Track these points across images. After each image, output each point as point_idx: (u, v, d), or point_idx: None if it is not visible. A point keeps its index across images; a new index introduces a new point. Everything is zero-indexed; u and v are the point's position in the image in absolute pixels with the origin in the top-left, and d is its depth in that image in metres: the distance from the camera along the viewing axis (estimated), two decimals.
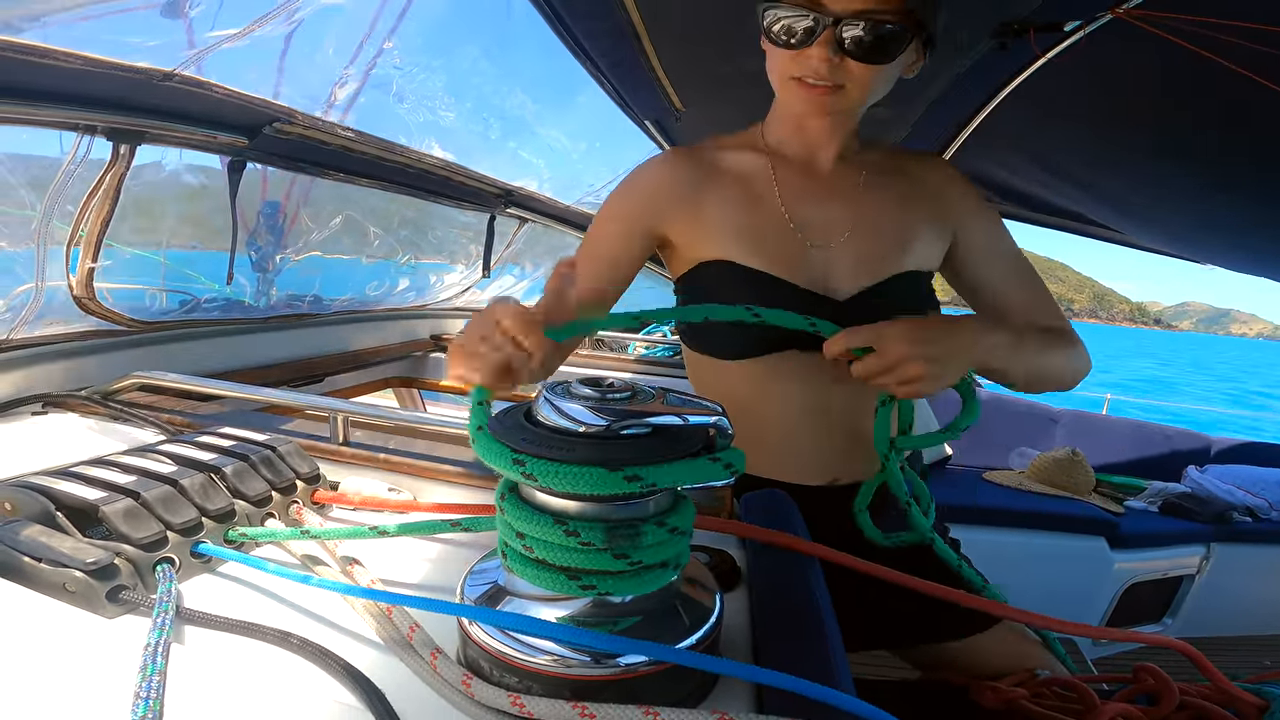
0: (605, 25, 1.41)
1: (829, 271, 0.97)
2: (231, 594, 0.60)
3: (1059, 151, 2.00)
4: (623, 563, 0.46)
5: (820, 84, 0.86)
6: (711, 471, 0.46)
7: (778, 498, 0.79)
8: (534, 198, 2.49)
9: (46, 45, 0.96)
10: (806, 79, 0.87)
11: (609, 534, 0.45)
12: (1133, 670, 0.87)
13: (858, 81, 0.85)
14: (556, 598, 0.48)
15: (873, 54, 0.83)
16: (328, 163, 1.68)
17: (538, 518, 0.46)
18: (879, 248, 0.98)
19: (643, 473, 0.44)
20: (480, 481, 0.86)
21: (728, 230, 0.97)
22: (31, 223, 1.19)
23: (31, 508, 0.60)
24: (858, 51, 0.82)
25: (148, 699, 0.42)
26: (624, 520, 0.47)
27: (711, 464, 0.46)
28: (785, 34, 0.85)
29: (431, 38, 1.66)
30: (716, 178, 1.00)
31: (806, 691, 0.43)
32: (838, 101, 0.88)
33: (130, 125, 1.19)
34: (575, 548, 0.46)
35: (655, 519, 0.47)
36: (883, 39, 0.81)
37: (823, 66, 0.84)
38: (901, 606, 1.03)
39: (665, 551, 0.48)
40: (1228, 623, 2.55)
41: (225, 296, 1.67)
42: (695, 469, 0.46)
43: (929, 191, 1.03)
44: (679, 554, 0.50)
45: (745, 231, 0.97)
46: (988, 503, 2.44)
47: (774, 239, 0.97)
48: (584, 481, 0.43)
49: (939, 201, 1.03)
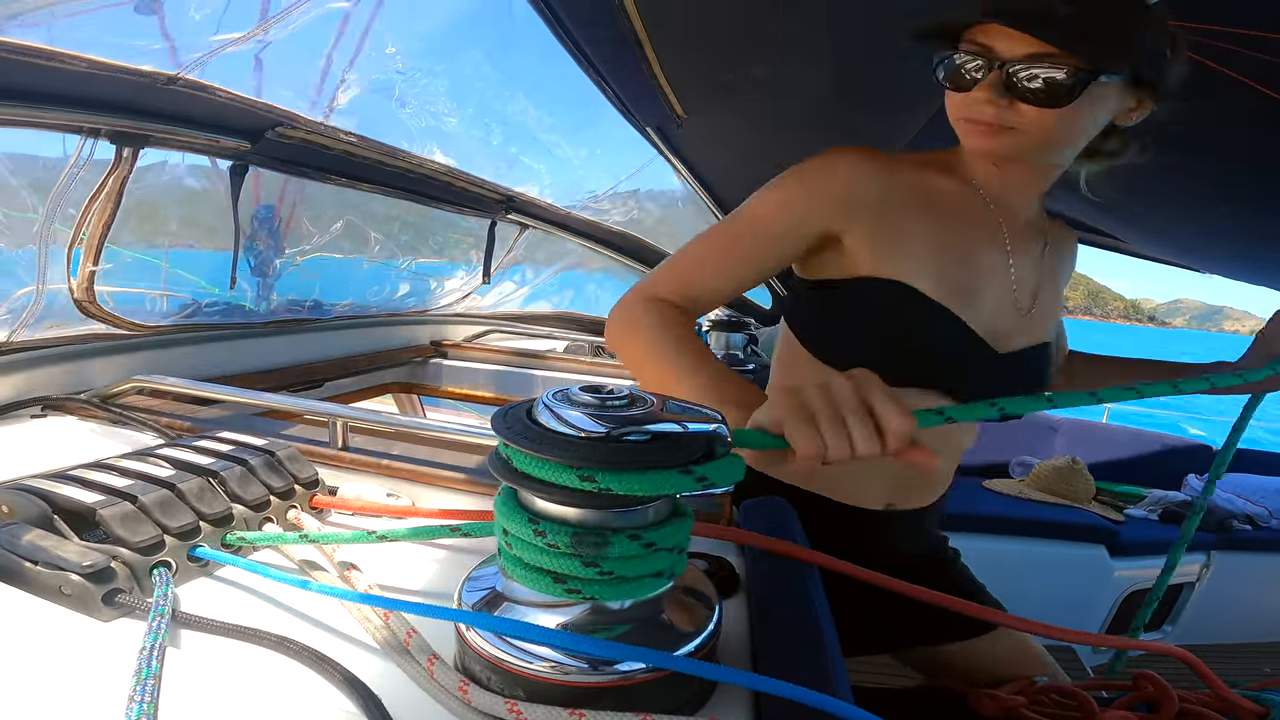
0: (607, 32, 1.41)
1: (1002, 326, 0.93)
2: (228, 598, 0.60)
3: None
4: (593, 571, 0.45)
5: (984, 120, 0.81)
6: (680, 483, 0.44)
7: (777, 505, 0.79)
8: (535, 204, 2.49)
9: (51, 48, 0.97)
10: (971, 116, 0.82)
11: (574, 539, 0.45)
12: (1132, 678, 0.87)
13: (1031, 125, 0.79)
14: (554, 604, 0.48)
15: (1041, 98, 0.76)
16: (330, 167, 1.69)
17: (516, 514, 0.47)
18: (1042, 314, 0.97)
19: (599, 476, 0.43)
20: (480, 487, 0.86)
21: (928, 256, 0.88)
22: (33, 225, 1.19)
23: (29, 510, 0.60)
24: (1026, 94, 0.77)
25: (142, 703, 0.42)
26: (591, 527, 0.46)
27: (682, 476, 0.45)
28: (956, 78, 0.81)
29: (434, 43, 1.66)
30: (923, 195, 0.90)
31: (805, 699, 0.42)
32: (1009, 145, 0.82)
33: (133, 129, 1.19)
34: (543, 548, 0.46)
35: (629, 531, 0.46)
36: (1051, 84, 0.75)
37: (987, 108, 0.79)
38: (900, 613, 1.03)
39: (641, 566, 0.47)
40: (1227, 630, 2.54)
41: (226, 300, 1.68)
42: (660, 480, 0.44)
43: (1066, 266, 1.04)
44: (669, 566, 0.49)
45: (953, 266, 0.89)
46: (988, 511, 2.44)
47: (986, 288, 0.91)
48: (545, 469, 0.44)
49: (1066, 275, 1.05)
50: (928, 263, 0.88)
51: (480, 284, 2.67)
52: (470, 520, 0.68)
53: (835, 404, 0.55)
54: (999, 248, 0.93)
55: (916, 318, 0.88)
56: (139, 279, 1.48)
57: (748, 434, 0.58)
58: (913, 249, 0.89)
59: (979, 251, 0.91)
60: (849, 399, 0.55)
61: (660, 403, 0.49)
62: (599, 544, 0.45)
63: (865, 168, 0.89)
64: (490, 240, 2.54)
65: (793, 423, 0.56)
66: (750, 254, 0.91)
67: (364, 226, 2.10)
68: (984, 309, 0.91)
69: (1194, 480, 2.77)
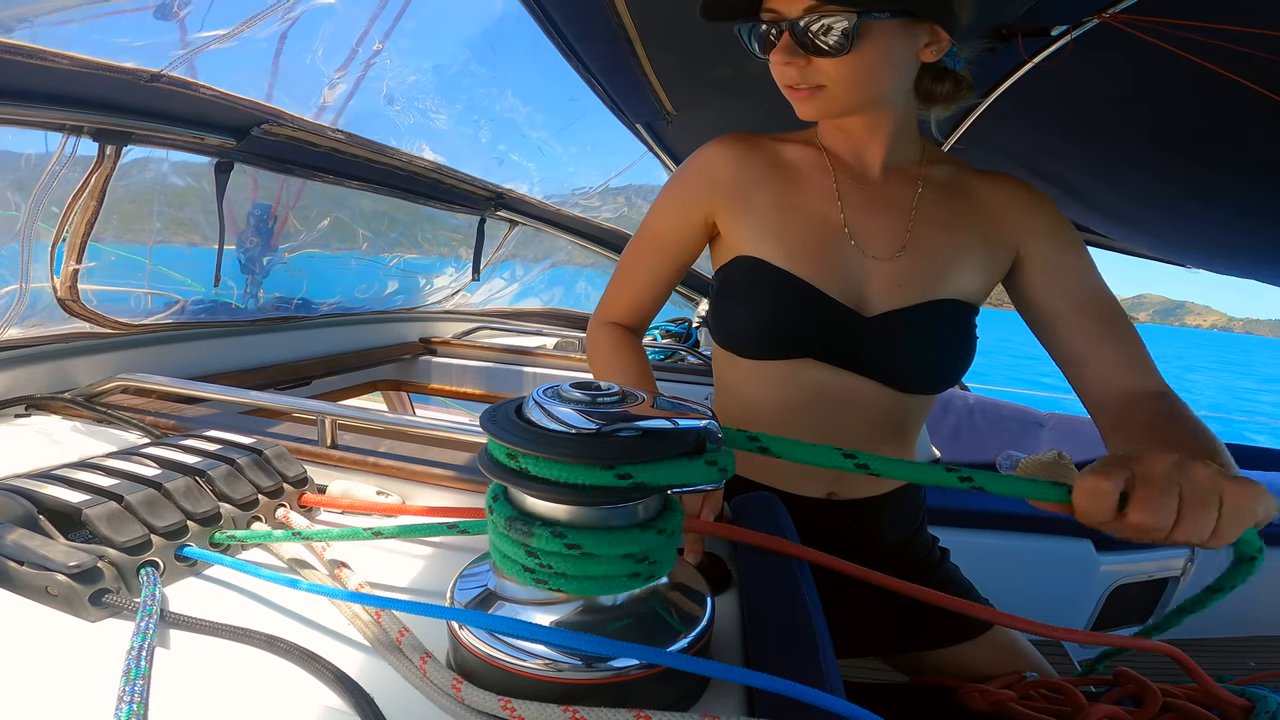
0: (597, 29, 1.41)
1: (866, 285, 0.92)
2: (217, 598, 0.60)
3: (1045, 156, 2.02)
4: (584, 568, 0.46)
5: (793, 85, 0.85)
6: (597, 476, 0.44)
7: (768, 501, 0.79)
8: (524, 200, 2.49)
9: (32, 45, 0.95)
10: (784, 83, 0.86)
11: (566, 536, 0.45)
12: (1113, 674, 0.88)
13: (834, 78, 0.82)
14: (547, 601, 0.48)
15: (826, 48, 0.80)
16: (317, 164, 1.68)
17: (507, 511, 0.47)
18: (922, 268, 0.92)
19: (524, 459, 0.44)
20: (470, 485, 0.86)
21: (767, 223, 0.94)
22: (15, 223, 1.18)
23: (13, 511, 0.60)
24: (812, 48, 0.80)
25: (131, 703, 0.42)
26: (520, 513, 0.47)
27: (604, 470, 0.44)
28: (762, 47, 0.85)
29: (422, 40, 1.66)
30: (773, 169, 0.96)
31: (797, 694, 0.43)
32: (824, 103, 0.85)
33: (117, 126, 1.18)
34: (534, 546, 0.46)
35: (622, 527, 0.46)
36: (830, 32, 0.79)
37: (789, 70, 0.83)
38: (889, 616, 1.03)
39: (634, 563, 0.47)
40: (1213, 624, 2.57)
41: (212, 298, 1.66)
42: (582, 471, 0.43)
43: (988, 211, 0.96)
44: (661, 562, 0.49)
45: (784, 227, 0.93)
46: (974, 506, 2.45)
47: (820, 241, 0.92)
48: (537, 466, 0.44)
49: (998, 223, 0.95)
50: (769, 232, 0.93)
51: (470, 281, 2.67)
52: (461, 518, 0.68)
53: (1198, 491, 0.54)
54: (831, 201, 0.94)
55: (770, 287, 0.92)
56: (123, 277, 1.47)
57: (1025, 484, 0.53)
58: (758, 220, 0.94)
59: (816, 210, 0.94)
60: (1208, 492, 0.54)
61: (650, 399, 0.49)
62: (525, 532, 0.46)
63: (725, 152, 0.97)
64: (479, 237, 2.54)
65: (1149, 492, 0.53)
66: (659, 260, 1.02)
67: (352, 223, 2.09)
68: (834, 268, 0.92)
69: None
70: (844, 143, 0.96)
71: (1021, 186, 0.98)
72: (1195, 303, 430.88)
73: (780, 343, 0.93)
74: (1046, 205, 0.97)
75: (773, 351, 0.94)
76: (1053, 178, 2.12)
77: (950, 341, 0.93)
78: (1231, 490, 0.54)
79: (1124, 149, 1.68)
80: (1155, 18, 1.02)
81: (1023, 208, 0.96)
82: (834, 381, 0.93)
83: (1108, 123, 1.57)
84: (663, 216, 1.01)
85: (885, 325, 0.91)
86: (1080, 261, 0.94)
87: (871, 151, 0.95)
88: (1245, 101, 1.11)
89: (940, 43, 0.84)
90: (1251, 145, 1.39)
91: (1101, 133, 1.63)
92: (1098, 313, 0.90)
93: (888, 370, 0.92)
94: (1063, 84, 1.48)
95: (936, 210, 0.95)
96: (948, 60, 0.90)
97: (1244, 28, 0.89)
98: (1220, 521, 0.54)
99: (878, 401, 0.94)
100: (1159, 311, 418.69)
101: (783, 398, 0.95)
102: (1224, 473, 0.54)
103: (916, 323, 0.91)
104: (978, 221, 0.95)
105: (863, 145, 0.95)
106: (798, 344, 0.92)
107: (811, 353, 0.92)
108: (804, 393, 0.94)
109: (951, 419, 2.90)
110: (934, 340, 0.92)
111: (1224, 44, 0.92)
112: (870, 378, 0.92)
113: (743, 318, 0.94)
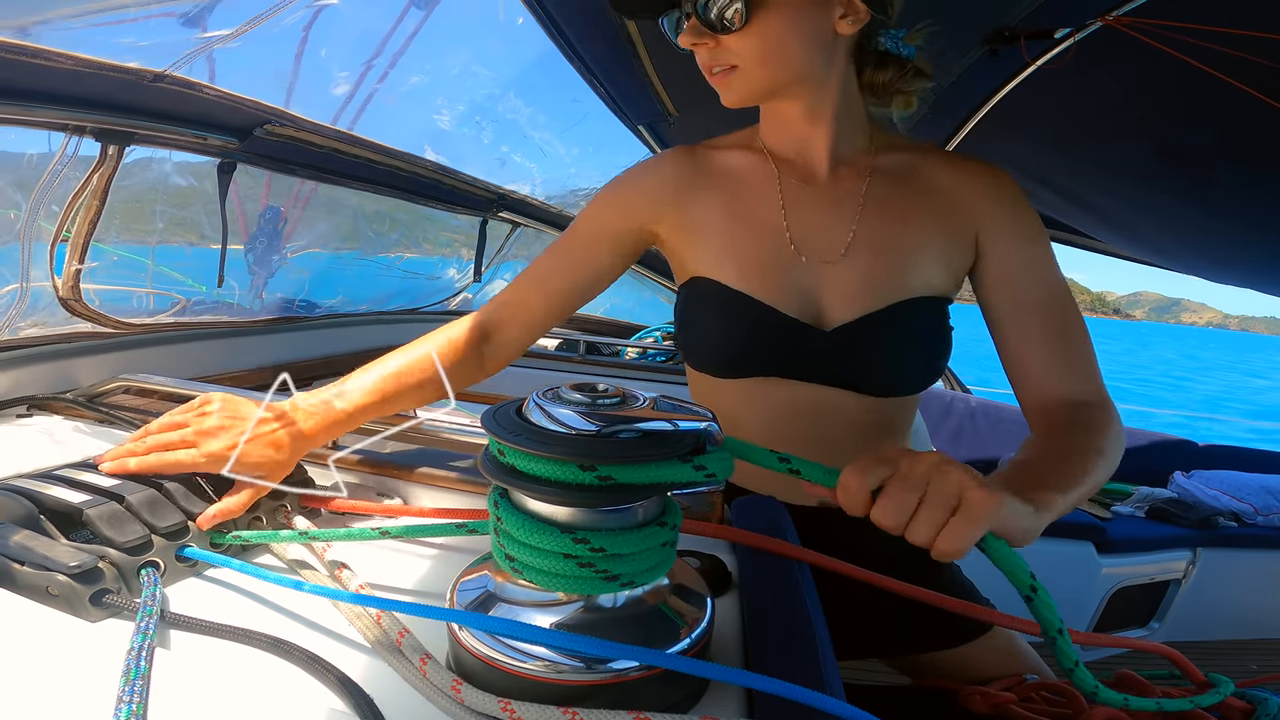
0: (599, 29, 1.41)
1: (821, 295, 0.88)
2: (218, 598, 0.60)
3: (1046, 159, 2.01)
4: (584, 569, 0.46)
5: (707, 67, 0.84)
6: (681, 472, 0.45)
7: (768, 503, 0.79)
8: (526, 202, 2.49)
9: (36, 45, 0.95)
10: (702, 67, 0.85)
11: (565, 537, 0.46)
12: (1114, 676, 0.88)
13: (742, 55, 0.81)
14: (547, 603, 0.48)
15: (725, 24, 0.78)
16: (319, 165, 1.68)
17: (508, 512, 0.48)
18: (878, 268, 0.87)
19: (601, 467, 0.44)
20: (471, 486, 0.86)
21: (714, 241, 0.91)
22: (17, 222, 1.18)
23: (15, 511, 0.60)
24: (715, 25, 0.79)
25: (130, 703, 0.42)
26: (582, 525, 0.47)
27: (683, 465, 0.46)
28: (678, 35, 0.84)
29: (425, 41, 1.66)
30: (711, 180, 0.93)
31: (797, 696, 0.43)
32: (741, 84, 0.83)
33: (119, 126, 1.18)
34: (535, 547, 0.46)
35: (620, 529, 0.47)
36: (723, 6, 0.77)
37: (701, 53, 0.82)
38: (889, 618, 1.03)
39: (632, 564, 0.47)
40: (1214, 627, 2.57)
41: (214, 299, 1.67)
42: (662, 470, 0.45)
43: (945, 195, 0.90)
44: (660, 563, 0.49)
45: (732, 243, 0.90)
46: None
47: (764, 253, 0.89)
48: (536, 467, 0.45)
49: (955, 207, 0.89)
50: (718, 250, 0.90)
51: (472, 282, 2.67)
52: (462, 519, 0.68)
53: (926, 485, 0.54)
54: (775, 208, 0.90)
55: (725, 310, 0.89)
56: (125, 277, 1.47)
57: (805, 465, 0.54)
58: (705, 238, 0.92)
59: (761, 219, 0.90)
60: (944, 486, 0.54)
61: (651, 401, 0.49)
62: (590, 542, 0.45)
63: (662, 167, 0.94)
64: (481, 238, 2.54)
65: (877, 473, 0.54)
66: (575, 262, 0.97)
67: (355, 224, 2.09)
68: (785, 282, 0.88)
69: (1180, 477, 2.79)
70: (786, 139, 0.92)
71: (980, 167, 0.92)
72: (1191, 300, 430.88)
73: (743, 364, 0.91)
74: (1006, 189, 0.90)
75: (738, 372, 0.92)
76: (1054, 182, 2.12)
77: (917, 342, 0.89)
78: (972, 495, 0.53)
79: (1126, 153, 1.68)
80: (1159, 20, 1.02)
81: (980, 191, 0.90)
82: (807, 395, 0.91)
83: (1110, 126, 1.57)
84: (591, 225, 0.97)
85: (846, 337, 0.87)
86: (1035, 255, 0.88)
87: (816, 145, 0.90)
88: (1247, 107, 1.11)
89: (857, 14, 0.80)
90: (1253, 152, 1.39)
91: (1103, 136, 1.63)
92: (1045, 315, 0.86)
93: (858, 380, 0.90)
94: (1065, 87, 1.48)
95: (886, 203, 0.90)
96: (889, 44, 0.86)
97: (1247, 32, 0.89)
98: (951, 523, 0.53)
99: (856, 409, 0.92)
100: (1155, 309, 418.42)
101: (756, 412, 0.94)
102: (975, 479, 0.54)
103: (878, 330, 0.87)
104: (935, 208, 0.90)
105: (805, 138, 0.91)
106: (758, 364, 0.91)
107: (776, 372, 0.90)
108: (779, 407, 0.92)
109: (953, 421, 2.90)
110: (900, 345, 0.88)
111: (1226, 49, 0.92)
112: (842, 388, 0.90)
113: (703, 340, 0.93)
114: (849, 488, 0.54)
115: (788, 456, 0.53)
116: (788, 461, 0.53)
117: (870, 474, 0.54)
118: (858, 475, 0.54)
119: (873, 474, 0.54)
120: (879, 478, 0.54)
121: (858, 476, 0.54)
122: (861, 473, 0.54)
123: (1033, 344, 0.86)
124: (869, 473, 0.54)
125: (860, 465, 0.54)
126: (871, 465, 0.54)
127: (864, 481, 0.53)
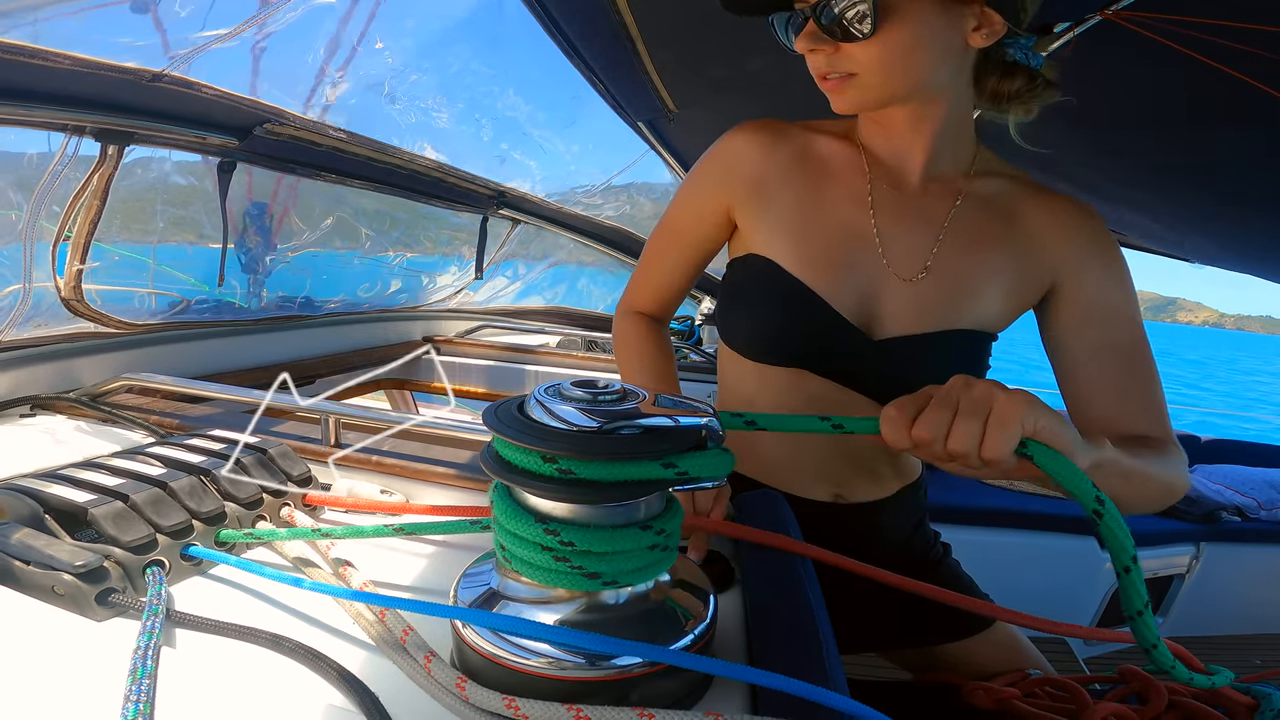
0: (598, 27, 1.41)
1: (881, 305, 0.87)
2: (222, 597, 0.60)
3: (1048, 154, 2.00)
4: (586, 564, 0.46)
5: (822, 74, 0.80)
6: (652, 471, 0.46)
7: (772, 499, 0.79)
8: (526, 199, 2.48)
9: (34, 45, 0.95)
10: (816, 73, 0.81)
11: (568, 534, 0.46)
12: (1118, 671, 0.88)
13: (864, 64, 0.76)
14: (550, 600, 0.48)
15: (850, 32, 0.74)
16: (319, 164, 1.68)
17: (510, 509, 0.48)
18: (940, 294, 0.86)
19: (577, 467, 0.45)
20: (474, 483, 0.86)
21: (787, 226, 0.88)
22: (18, 223, 1.18)
23: (20, 510, 0.60)
24: (837, 32, 0.75)
25: (137, 702, 0.42)
26: (584, 522, 0.47)
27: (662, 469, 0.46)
28: (792, 38, 0.80)
29: (424, 39, 1.66)
30: (800, 163, 0.90)
31: (801, 692, 0.43)
32: (857, 93, 0.79)
33: (119, 126, 1.18)
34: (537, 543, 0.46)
35: (624, 525, 0.47)
36: (852, 13, 0.73)
37: (818, 59, 0.78)
38: (892, 613, 1.03)
39: (635, 560, 0.47)
40: (1218, 622, 2.57)
41: (215, 298, 1.66)
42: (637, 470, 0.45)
43: (1030, 234, 0.88)
44: (663, 560, 0.49)
45: (804, 230, 0.88)
46: (978, 503, 2.45)
47: (841, 250, 0.87)
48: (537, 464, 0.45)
49: (1038, 248, 0.87)
50: (787, 233, 0.89)
51: (473, 279, 2.66)
52: (465, 516, 0.68)
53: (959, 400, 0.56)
54: (863, 208, 0.88)
55: (777, 293, 0.88)
56: (127, 276, 1.47)
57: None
58: (776, 219, 0.90)
59: (843, 214, 0.88)
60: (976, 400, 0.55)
61: (651, 397, 0.49)
62: (560, 534, 0.46)
63: (749, 140, 0.91)
64: (482, 235, 2.53)
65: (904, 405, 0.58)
66: (679, 251, 1.01)
67: (355, 222, 2.09)
68: (852, 282, 0.87)
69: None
70: (884, 140, 0.89)
71: (1069, 206, 0.89)
72: (1187, 299, 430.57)
73: (778, 351, 0.91)
74: (1095, 230, 0.88)
75: (770, 357, 0.92)
76: (1055, 174, 2.11)
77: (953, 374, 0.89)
78: (1000, 400, 0.55)
79: (1127, 146, 1.67)
80: (1159, 14, 1.02)
81: (1071, 236, 0.87)
82: (834, 395, 0.90)
83: (1111, 120, 1.57)
84: (682, 208, 0.99)
85: (890, 351, 0.87)
86: (1123, 299, 0.86)
87: (913, 153, 0.87)
88: (1251, 100, 1.10)
89: (992, 26, 0.76)
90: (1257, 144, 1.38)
91: (1104, 129, 1.63)
92: (1128, 360, 0.85)
93: (887, 395, 0.89)
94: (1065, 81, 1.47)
95: (970, 228, 0.88)
96: (1017, 53, 0.82)
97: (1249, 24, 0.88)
98: (986, 430, 0.54)
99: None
100: (1151, 308, 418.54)
101: (779, 402, 0.94)
102: (1001, 387, 0.56)
103: (924, 354, 0.86)
104: (1015, 243, 0.88)
105: (904, 145, 0.87)
106: (796, 355, 0.90)
107: (809, 366, 0.90)
108: (800, 401, 0.92)
109: None
110: (939, 374, 0.86)
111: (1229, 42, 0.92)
112: (870, 397, 0.90)
113: (745, 319, 0.93)
114: (890, 417, 0.57)
115: (828, 415, 0.57)
116: (829, 419, 0.57)
117: (908, 405, 0.58)
118: (897, 406, 0.58)
119: (910, 405, 0.58)
120: (916, 408, 0.57)
121: (897, 408, 0.58)
122: (900, 405, 0.58)
123: (1108, 386, 0.85)
124: (907, 405, 0.58)
125: (897, 401, 0.58)
126: (907, 399, 0.58)
127: (904, 411, 0.57)
